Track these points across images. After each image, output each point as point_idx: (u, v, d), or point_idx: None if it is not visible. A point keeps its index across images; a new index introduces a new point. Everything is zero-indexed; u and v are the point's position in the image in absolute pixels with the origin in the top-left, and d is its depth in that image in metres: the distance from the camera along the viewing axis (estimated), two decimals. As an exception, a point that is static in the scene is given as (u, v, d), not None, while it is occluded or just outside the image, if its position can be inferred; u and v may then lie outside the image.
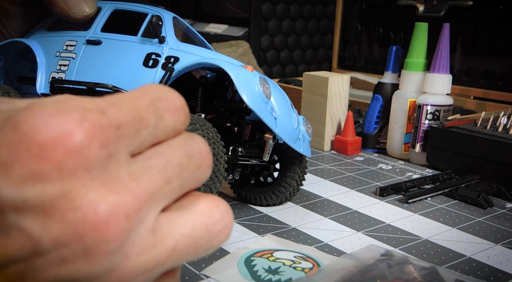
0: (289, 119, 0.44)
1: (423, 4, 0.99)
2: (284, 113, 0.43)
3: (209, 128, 0.38)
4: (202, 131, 0.37)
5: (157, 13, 0.46)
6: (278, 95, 0.44)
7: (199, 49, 0.45)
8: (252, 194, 0.50)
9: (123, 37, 0.46)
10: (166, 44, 0.44)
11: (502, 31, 0.87)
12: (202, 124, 0.37)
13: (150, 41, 0.45)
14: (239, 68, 0.41)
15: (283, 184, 0.49)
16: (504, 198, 0.55)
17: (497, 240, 0.45)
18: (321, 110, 0.70)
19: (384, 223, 0.48)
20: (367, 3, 1.09)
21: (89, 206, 0.19)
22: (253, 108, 0.39)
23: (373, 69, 1.10)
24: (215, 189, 0.38)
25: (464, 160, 0.60)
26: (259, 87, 0.40)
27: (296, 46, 1.37)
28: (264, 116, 0.40)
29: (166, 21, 0.46)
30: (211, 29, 1.37)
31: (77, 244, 0.19)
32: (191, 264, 0.38)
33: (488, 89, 0.89)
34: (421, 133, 0.65)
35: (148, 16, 0.46)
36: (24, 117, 0.19)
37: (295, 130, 0.45)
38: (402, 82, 0.68)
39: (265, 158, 0.46)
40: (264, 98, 0.40)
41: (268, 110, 0.41)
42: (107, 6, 0.49)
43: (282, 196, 0.50)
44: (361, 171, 0.63)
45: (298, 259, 0.39)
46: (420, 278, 0.37)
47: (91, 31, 0.47)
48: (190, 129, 0.36)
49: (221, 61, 0.41)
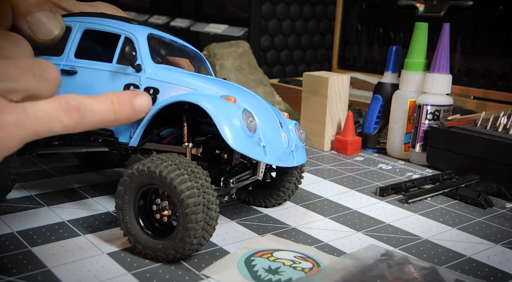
0: (278, 142, 0.43)
1: (423, 4, 0.99)
2: (273, 137, 0.43)
3: (198, 174, 0.37)
4: (191, 182, 0.36)
5: (130, 34, 0.44)
6: (264, 118, 0.42)
7: (178, 73, 0.43)
8: (251, 196, 0.50)
9: (98, 65, 0.44)
10: (143, 73, 0.43)
11: (502, 31, 0.87)
12: (190, 172, 0.36)
13: (126, 70, 0.43)
14: (219, 104, 0.39)
15: (281, 188, 0.49)
16: (504, 198, 0.55)
17: (497, 240, 0.45)
18: (321, 110, 0.70)
19: (384, 223, 0.48)
20: (367, 3, 1.09)
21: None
22: (239, 150, 0.39)
23: (373, 69, 1.09)
24: (208, 236, 0.38)
25: (464, 160, 0.60)
26: (242, 122, 0.39)
27: (296, 46, 1.37)
28: (251, 153, 0.40)
29: (140, 44, 0.43)
30: (211, 29, 1.37)
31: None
32: (191, 264, 0.38)
33: (488, 89, 0.89)
34: (421, 133, 0.65)
35: (121, 38, 0.44)
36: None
37: (286, 150, 0.44)
38: (402, 82, 0.68)
39: (259, 177, 0.46)
40: (248, 133, 0.39)
41: (255, 143, 0.40)
42: (77, 25, 0.46)
43: (280, 199, 0.50)
44: (361, 171, 0.63)
45: (298, 259, 0.39)
46: (420, 278, 0.37)
47: (64, 57, 0.45)
48: (179, 179, 0.36)
49: (199, 98, 0.39)
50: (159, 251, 0.38)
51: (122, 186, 0.38)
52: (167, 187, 0.36)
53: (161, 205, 0.38)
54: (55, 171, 0.58)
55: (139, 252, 0.39)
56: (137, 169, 0.38)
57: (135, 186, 0.38)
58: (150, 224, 0.39)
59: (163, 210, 0.39)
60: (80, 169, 0.59)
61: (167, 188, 0.36)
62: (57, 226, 0.44)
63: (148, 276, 0.36)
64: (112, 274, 0.36)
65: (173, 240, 0.37)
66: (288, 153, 0.45)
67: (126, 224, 0.39)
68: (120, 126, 0.43)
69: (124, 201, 0.38)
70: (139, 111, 0.39)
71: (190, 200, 0.36)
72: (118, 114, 0.37)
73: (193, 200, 0.36)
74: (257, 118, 0.41)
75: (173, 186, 0.36)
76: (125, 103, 0.38)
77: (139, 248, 0.39)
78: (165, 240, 0.38)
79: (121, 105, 0.37)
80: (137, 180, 0.38)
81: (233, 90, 0.43)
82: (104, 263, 0.38)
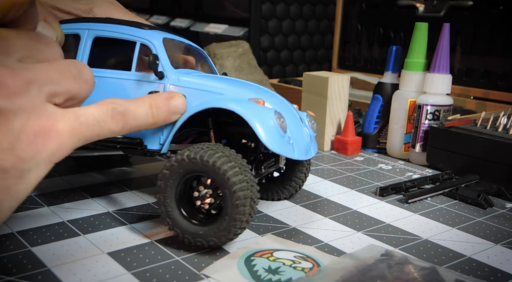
0: (302, 137, 0.44)
1: (423, 4, 0.99)
2: (297, 134, 0.44)
3: (246, 168, 0.38)
4: (241, 175, 0.37)
5: (146, 40, 0.43)
6: (289, 116, 0.43)
7: (200, 77, 0.43)
8: (264, 190, 0.52)
9: (117, 74, 0.43)
10: (166, 80, 0.43)
11: (502, 31, 0.87)
12: (240, 165, 0.38)
13: (147, 77, 0.43)
14: (251, 108, 0.40)
15: (294, 178, 0.51)
16: (504, 198, 0.55)
17: (497, 240, 0.45)
18: (321, 110, 0.70)
19: (384, 223, 0.48)
20: (367, 3, 1.09)
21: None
22: (274, 150, 0.40)
23: (373, 69, 1.10)
24: (247, 226, 0.40)
25: (464, 160, 0.60)
26: (275, 122, 0.40)
27: (296, 46, 1.37)
28: (285, 152, 0.41)
29: (159, 51, 0.43)
30: (211, 29, 1.37)
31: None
32: (191, 264, 0.38)
33: (488, 89, 0.89)
34: (421, 133, 0.65)
35: (137, 46, 0.43)
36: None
37: (308, 143, 0.46)
38: (402, 82, 0.68)
39: (281, 165, 0.48)
40: (281, 133, 0.41)
41: (286, 142, 0.41)
42: (86, 33, 0.45)
43: (293, 189, 0.51)
44: (361, 171, 0.63)
45: (298, 259, 0.39)
46: (420, 278, 0.37)
47: None
48: (232, 172, 0.37)
49: (231, 103, 0.40)
50: (199, 237, 0.39)
51: (168, 170, 0.39)
52: (219, 177, 0.37)
53: (201, 193, 0.40)
54: (55, 171, 0.58)
55: (176, 236, 0.40)
56: (188, 156, 0.38)
57: (182, 172, 0.39)
58: (191, 210, 0.40)
59: (203, 197, 0.40)
60: (80, 169, 0.59)
61: (218, 179, 0.37)
62: (57, 226, 0.44)
63: (148, 276, 0.36)
64: (112, 274, 0.36)
65: (217, 228, 0.38)
66: (310, 146, 0.46)
67: (167, 207, 0.40)
68: (147, 134, 0.44)
69: (168, 184, 0.39)
70: (175, 112, 0.40)
71: (241, 193, 0.37)
72: (156, 117, 0.38)
73: (244, 193, 0.37)
74: (284, 116, 0.42)
75: (226, 177, 0.37)
76: (162, 106, 0.39)
77: (177, 231, 0.40)
78: (207, 227, 0.39)
79: (158, 109, 0.38)
80: (186, 166, 0.38)
81: (256, 91, 0.44)
82: (104, 263, 0.38)
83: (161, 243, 0.42)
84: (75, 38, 0.45)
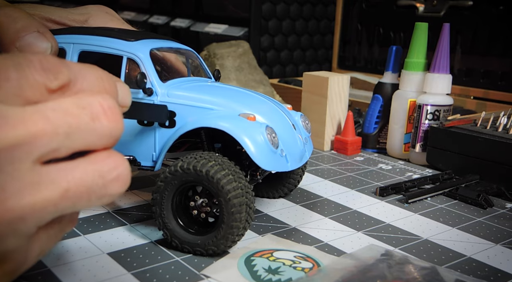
0: (295, 146, 0.44)
1: (423, 4, 0.99)
2: (291, 143, 0.44)
3: (239, 174, 0.38)
4: (235, 182, 0.38)
5: (132, 55, 0.42)
6: (281, 126, 0.43)
7: (190, 90, 0.43)
8: (263, 190, 0.52)
9: None
10: (155, 96, 0.42)
11: (502, 31, 0.87)
12: (234, 173, 0.38)
13: (137, 94, 0.42)
14: (241, 125, 0.40)
15: (291, 175, 0.51)
16: (504, 198, 0.55)
17: (497, 240, 0.45)
18: (321, 110, 0.70)
19: (384, 223, 0.48)
20: (367, 3, 1.09)
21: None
22: (266, 168, 0.40)
23: (373, 69, 1.10)
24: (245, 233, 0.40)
25: (464, 160, 0.60)
26: (265, 139, 0.40)
27: (296, 46, 1.37)
28: (276, 167, 0.41)
29: (146, 65, 0.42)
30: (211, 29, 1.37)
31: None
32: (191, 264, 0.38)
33: (488, 89, 0.89)
34: (421, 133, 0.65)
35: (124, 60, 0.42)
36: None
37: (302, 149, 0.45)
38: (402, 82, 0.68)
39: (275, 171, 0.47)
40: (272, 149, 0.40)
41: (278, 156, 0.41)
42: (72, 47, 0.43)
43: (292, 185, 0.52)
44: (361, 171, 0.63)
45: (298, 259, 0.39)
46: (420, 278, 0.37)
47: None
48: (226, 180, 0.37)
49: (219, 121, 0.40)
50: (198, 246, 0.39)
51: (163, 182, 0.39)
52: (213, 186, 0.37)
53: (197, 202, 0.40)
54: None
55: (175, 246, 0.40)
56: (181, 166, 0.38)
57: (177, 182, 0.39)
58: (188, 220, 0.40)
59: (200, 207, 0.40)
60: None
61: (213, 188, 0.37)
62: (57, 226, 0.44)
63: (148, 276, 0.36)
64: (112, 274, 0.36)
65: (215, 236, 0.38)
66: (304, 151, 0.46)
67: (163, 219, 0.40)
68: (141, 151, 0.43)
69: (163, 196, 0.39)
70: None
71: (236, 200, 0.37)
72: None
73: (239, 200, 0.37)
74: (276, 129, 0.42)
75: (220, 186, 0.37)
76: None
77: (176, 242, 0.40)
78: (205, 236, 0.39)
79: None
80: (180, 177, 0.38)
81: (246, 102, 0.43)
82: (104, 263, 0.38)
83: (161, 243, 0.42)
84: (60, 53, 0.43)
